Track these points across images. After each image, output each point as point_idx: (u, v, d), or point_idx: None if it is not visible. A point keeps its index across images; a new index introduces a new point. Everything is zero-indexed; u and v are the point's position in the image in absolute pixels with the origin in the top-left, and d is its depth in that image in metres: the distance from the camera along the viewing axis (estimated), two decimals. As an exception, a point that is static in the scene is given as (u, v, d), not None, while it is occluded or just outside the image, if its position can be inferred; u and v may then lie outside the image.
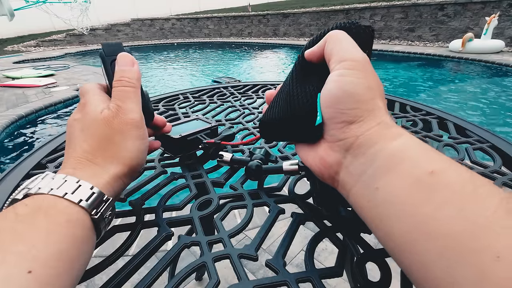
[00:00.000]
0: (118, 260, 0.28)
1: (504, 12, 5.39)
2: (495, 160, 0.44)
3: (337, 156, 0.22)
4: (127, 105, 0.27)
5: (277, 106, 0.28)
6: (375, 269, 0.28)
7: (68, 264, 0.19)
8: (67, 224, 0.20)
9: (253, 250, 0.28)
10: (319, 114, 0.23)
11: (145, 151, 0.28)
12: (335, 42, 0.23)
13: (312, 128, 0.24)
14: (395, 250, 0.18)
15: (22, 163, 0.46)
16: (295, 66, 0.28)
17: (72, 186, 0.22)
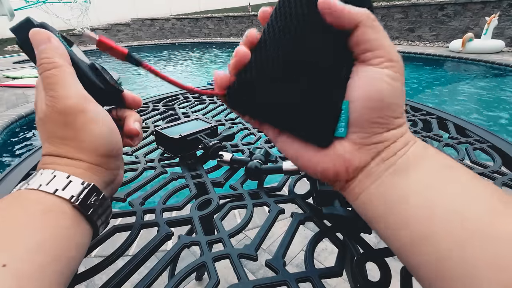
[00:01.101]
0: (118, 260, 0.28)
1: (504, 12, 5.39)
2: (495, 160, 0.44)
3: (364, 159, 0.20)
4: (58, 92, 0.23)
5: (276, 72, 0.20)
6: (375, 269, 0.28)
7: (51, 256, 0.19)
8: (44, 214, 0.20)
9: (253, 250, 0.28)
10: (345, 124, 0.20)
11: (107, 133, 0.24)
12: (380, 32, 0.19)
13: (328, 138, 0.20)
14: (408, 244, 0.18)
15: (22, 163, 0.46)
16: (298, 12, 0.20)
17: (47, 178, 0.21)
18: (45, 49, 0.23)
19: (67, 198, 0.21)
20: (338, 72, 0.20)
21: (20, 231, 0.18)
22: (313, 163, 0.22)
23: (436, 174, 0.19)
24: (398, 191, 0.19)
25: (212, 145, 0.42)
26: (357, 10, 0.19)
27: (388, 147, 0.20)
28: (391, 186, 0.20)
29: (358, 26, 0.19)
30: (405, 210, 0.19)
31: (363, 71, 0.20)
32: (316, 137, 0.21)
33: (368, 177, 0.21)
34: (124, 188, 0.37)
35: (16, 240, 0.18)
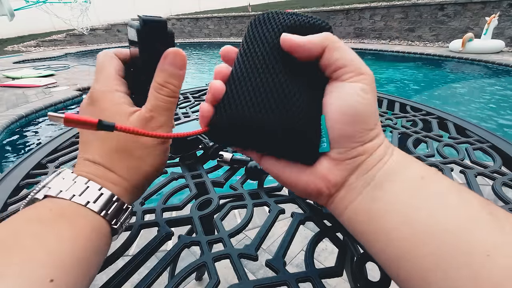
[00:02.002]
0: (118, 260, 0.28)
1: (504, 12, 5.39)
2: (495, 160, 0.44)
3: (343, 175, 0.21)
4: (161, 118, 0.23)
5: (254, 99, 0.20)
6: (375, 269, 0.27)
7: (86, 271, 0.19)
8: (91, 233, 0.20)
9: (253, 250, 0.28)
10: (326, 138, 0.20)
11: (164, 166, 0.26)
12: (345, 50, 0.21)
13: (314, 153, 0.21)
14: (393, 260, 0.18)
15: (22, 163, 0.46)
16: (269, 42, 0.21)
17: (94, 194, 0.21)
18: (178, 76, 0.24)
19: (110, 220, 0.22)
20: (313, 93, 0.21)
21: (69, 247, 0.19)
22: (295, 182, 0.22)
23: (414, 187, 0.19)
24: (378, 206, 0.19)
25: (212, 145, 0.42)
26: (319, 38, 0.21)
27: (365, 161, 0.20)
28: (371, 201, 0.20)
29: (324, 50, 0.20)
30: (385, 227, 0.19)
31: (336, 87, 0.21)
32: (303, 156, 0.21)
33: (350, 192, 0.21)
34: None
35: (64, 255, 0.18)
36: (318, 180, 0.21)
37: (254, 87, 0.20)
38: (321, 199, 0.22)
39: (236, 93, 0.20)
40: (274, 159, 0.23)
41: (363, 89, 0.20)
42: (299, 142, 0.20)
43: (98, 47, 9.24)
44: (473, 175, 0.40)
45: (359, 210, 0.20)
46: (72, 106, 3.51)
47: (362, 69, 0.21)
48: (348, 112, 0.20)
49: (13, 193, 0.39)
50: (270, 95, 0.20)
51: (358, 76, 0.20)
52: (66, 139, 0.54)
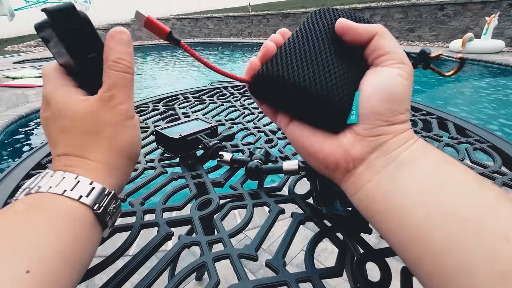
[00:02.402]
0: (118, 260, 0.28)
1: (504, 12, 5.39)
2: (495, 160, 0.44)
3: (364, 150, 0.21)
4: (120, 96, 0.24)
5: (299, 66, 0.22)
6: (375, 269, 0.28)
7: (70, 263, 0.19)
8: (67, 221, 0.20)
9: (253, 250, 0.28)
10: (356, 111, 0.21)
11: (139, 139, 0.26)
12: (392, 40, 0.22)
13: (343, 122, 0.22)
14: (406, 241, 0.18)
15: (22, 163, 0.46)
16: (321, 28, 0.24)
17: (71, 183, 0.21)
18: (128, 53, 0.24)
19: (91, 205, 0.21)
20: (352, 72, 0.23)
21: (44, 237, 0.18)
22: (316, 150, 0.23)
23: (434, 172, 0.19)
24: (395, 187, 0.20)
25: (212, 145, 0.42)
26: (371, 26, 0.23)
27: (388, 141, 0.21)
28: (389, 182, 0.20)
29: (374, 37, 0.22)
30: (401, 207, 0.19)
31: (377, 71, 0.22)
32: (331, 123, 0.22)
33: (368, 170, 0.21)
34: (124, 188, 0.37)
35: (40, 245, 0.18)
36: (339, 151, 0.22)
37: (302, 56, 0.22)
38: (338, 173, 0.23)
39: (285, 56, 0.22)
40: (301, 125, 0.24)
41: (402, 75, 0.21)
42: (329, 109, 0.22)
43: (98, 47, 9.22)
44: (473, 175, 0.40)
45: (375, 189, 0.20)
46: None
47: (404, 59, 0.22)
48: (383, 90, 0.21)
49: (13, 193, 0.39)
50: (315, 65, 0.22)
51: (399, 64, 0.22)
52: (66, 139, 0.54)
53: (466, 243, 0.16)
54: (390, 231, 0.20)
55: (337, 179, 0.23)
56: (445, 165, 0.20)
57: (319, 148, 0.22)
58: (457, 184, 0.18)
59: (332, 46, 0.23)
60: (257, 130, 0.56)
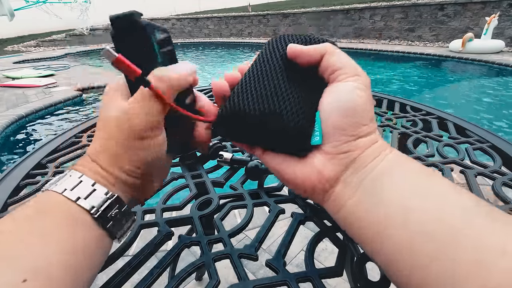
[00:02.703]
0: (118, 260, 0.28)
1: (504, 12, 5.39)
2: (495, 160, 0.44)
3: (336, 170, 0.21)
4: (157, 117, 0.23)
5: (257, 99, 0.23)
6: (375, 269, 0.27)
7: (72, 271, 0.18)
8: (69, 226, 0.19)
9: (253, 250, 0.28)
10: (319, 132, 0.22)
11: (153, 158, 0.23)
12: (340, 54, 0.23)
13: (306, 145, 0.22)
14: (394, 255, 0.18)
15: (22, 163, 0.46)
16: (276, 57, 0.25)
17: (73, 182, 0.21)
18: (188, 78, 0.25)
19: (87, 208, 0.20)
20: (310, 94, 0.23)
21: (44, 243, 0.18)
22: (292, 176, 0.23)
23: (414, 180, 0.19)
24: (375, 199, 0.20)
25: (212, 145, 0.42)
26: (318, 45, 0.24)
27: (359, 156, 0.21)
28: (369, 196, 0.20)
29: (324, 56, 0.23)
30: (383, 223, 0.19)
31: (333, 87, 0.23)
32: (295, 147, 0.23)
33: (346, 188, 0.21)
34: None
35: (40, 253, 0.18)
36: (313, 174, 0.22)
37: (257, 89, 0.23)
38: (316, 194, 0.23)
39: (242, 93, 0.23)
40: (274, 154, 0.24)
41: (357, 87, 0.22)
42: (288, 135, 0.22)
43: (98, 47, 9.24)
44: (473, 175, 0.40)
45: (356, 207, 0.20)
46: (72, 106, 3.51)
47: (357, 71, 0.23)
48: (342, 106, 0.21)
49: (13, 193, 0.39)
50: (269, 96, 0.23)
51: (353, 76, 0.22)
52: (66, 139, 0.54)
53: (453, 250, 0.16)
54: (373, 250, 0.20)
55: (318, 200, 0.23)
56: (423, 174, 0.20)
57: (292, 174, 0.23)
58: (437, 195, 0.19)
59: (286, 73, 0.24)
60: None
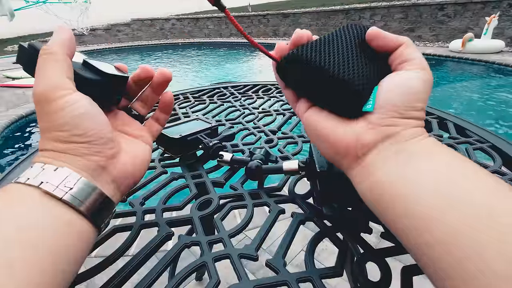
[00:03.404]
0: (118, 260, 0.28)
1: (504, 12, 5.39)
2: (495, 160, 0.44)
3: (375, 139, 0.22)
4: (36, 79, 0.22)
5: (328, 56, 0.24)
6: (375, 269, 0.28)
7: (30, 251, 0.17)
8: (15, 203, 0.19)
9: (253, 250, 0.28)
10: (372, 102, 0.23)
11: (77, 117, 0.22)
12: (415, 49, 0.24)
13: (358, 109, 0.23)
14: (413, 228, 0.18)
15: (22, 163, 0.46)
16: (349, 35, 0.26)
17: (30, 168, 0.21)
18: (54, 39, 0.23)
19: (36, 185, 0.20)
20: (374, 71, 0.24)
21: None
22: (328, 134, 0.24)
23: (447, 167, 0.19)
24: (407, 176, 0.20)
25: (212, 145, 0.42)
26: (401, 36, 0.24)
27: (400, 132, 0.21)
28: (401, 170, 0.20)
29: (400, 46, 0.24)
30: (413, 195, 0.19)
31: (398, 73, 0.23)
32: (348, 108, 0.24)
33: (378, 157, 0.22)
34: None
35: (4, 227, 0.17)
36: (351, 137, 0.23)
37: (330, 49, 0.24)
38: (347, 159, 0.23)
39: (315, 45, 0.25)
40: (318, 111, 0.25)
41: (420, 76, 0.23)
42: (348, 93, 0.23)
43: (98, 47, 9.24)
44: (473, 175, 0.40)
45: (386, 176, 0.21)
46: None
47: (424, 66, 0.23)
48: (401, 84, 0.22)
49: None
50: (341, 56, 0.24)
51: (419, 69, 0.23)
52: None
53: (480, 227, 0.16)
54: (395, 217, 0.20)
55: (346, 166, 0.24)
56: (458, 161, 0.20)
57: (331, 132, 0.24)
58: (471, 179, 0.18)
59: (359, 50, 0.25)
60: (257, 130, 0.56)
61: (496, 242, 0.15)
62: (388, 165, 0.21)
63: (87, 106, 0.23)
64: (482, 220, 0.16)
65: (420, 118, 0.23)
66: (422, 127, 0.23)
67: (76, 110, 0.22)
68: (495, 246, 0.15)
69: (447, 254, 0.16)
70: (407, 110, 0.22)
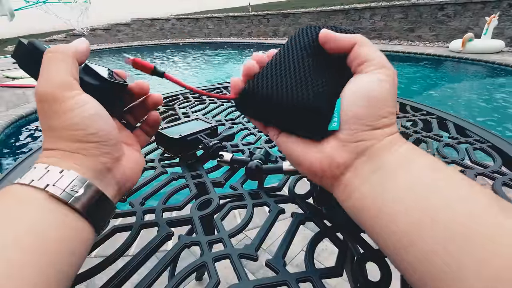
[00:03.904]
0: (118, 260, 0.28)
1: (504, 12, 5.39)
2: (495, 160, 0.44)
3: (349, 157, 0.21)
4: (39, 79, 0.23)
5: (280, 81, 0.23)
6: (375, 269, 0.28)
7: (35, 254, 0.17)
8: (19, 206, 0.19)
9: (253, 250, 0.28)
10: (337, 119, 0.22)
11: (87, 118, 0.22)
12: (371, 47, 0.23)
13: (323, 129, 0.22)
14: (395, 248, 0.18)
15: (22, 163, 0.46)
16: (303, 44, 0.25)
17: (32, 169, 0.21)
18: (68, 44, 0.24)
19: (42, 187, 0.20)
20: (333, 81, 0.23)
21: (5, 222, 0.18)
22: (302, 158, 0.24)
23: (421, 177, 0.19)
24: (383, 195, 0.20)
25: (212, 145, 0.42)
26: (351, 35, 0.24)
27: (373, 146, 0.21)
28: (377, 189, 0.20)
29: (354, 45, 0.23)
30: (388, 214, 0.19)
31: (358, 78, 0.23)
32: (313, 131, 0.23)
33: (356, 176, 0.21)
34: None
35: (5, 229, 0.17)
36: (324, 159, 0.22)
37: (282, 71, 0.24)
38: (325, 179, 0.23)
39: (266, 73, 0.24)
40: (289, 136, 0.25)
41: (382, 78, 0.22)
42: (309, 117, 0.23)
43: (98, 47, 9.24)
44: (473, 175, 0.40)
45: (365, 196, 0.20)
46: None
47: (384, 64, 0.22)
48: (363, 95, 0.22)
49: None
50: (293, 78, 0.23)
51: (380, 69, 0.22)
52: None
53: (454, 247, 0.16)
54: (380, 238, 0.20)
55: (327, 186, 0.24)
56: (432, 170, 0.20)
57: (302, 156, 0.23)
58: (445, 189, 0.18)
59: (312, 59, 0.24)
60: (257, 130, 0.56)
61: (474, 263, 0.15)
62: (367, 185, 0.21)
63: (97, 107, 0.23)
64: (456, 240, 0.16)
65: (391, 124, 0.22)
66: (396, 133, 0.22)
67: (87, 112, 0.22)
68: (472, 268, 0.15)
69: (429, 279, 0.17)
70: (375, 120, 0.21)
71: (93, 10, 9.65)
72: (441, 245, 0.16)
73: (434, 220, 0.17)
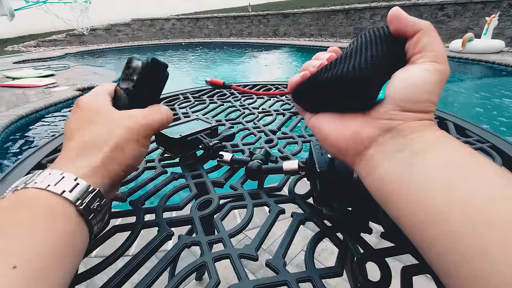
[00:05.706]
0: (118, 260, 0.28)
1: (504, 12, 5.39)
2: (495, 160, 0.44)
3: (374, 132, 0.22)
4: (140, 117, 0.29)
5: (340, 66, 0.24)
6: (375, 269, 0.28)
7: (56, 259, 0.19)
8: (49, 217, 0.20)
9: (253, 250, 0.28)
10: (383, 92, 0.23)
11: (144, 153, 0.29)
12: (435, 38, 0.22)
13: (369, 101, 0.23)
14: (419, 223, 0.18)
15: (22, 163, 0.46)
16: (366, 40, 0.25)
17: (56, 178, 0.22)
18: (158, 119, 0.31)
19: (73, 201, 0.21)
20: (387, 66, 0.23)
21: (28, 232, 0.18)
22: (329, 133, 0.25)
23: (452, 159, 0.19)
24: (411, 172, 0.20)
25: (212, 145, 0.42)
26: (420, 21, 0.23)
27: (399, 125, 0.21)
28: (405, 165, 0.20)
29: (419, 31, 0.22)
30: (418, 191, 0.19)
31: (410, 67, 0.22)
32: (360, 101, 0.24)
33: (379, 152, 0.22)
34: (124, 188, 0.37)
35: (24, 241, 0.18)
36: (349, 133, 0.23)
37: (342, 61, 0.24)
38: (349, 155, 0.24)
39: (329, 66, 0.25)
40: (322, 116, 0.26)
41: (429, 69, 0.21)
42: (363, 89, 0.23)
43: (98, 47, 9.24)
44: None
45: (390, 171, 0.21)
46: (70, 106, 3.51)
47: (438, 58, 0.22)
48: (406, 78, 0.22)
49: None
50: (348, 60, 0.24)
51: (432, 62, 0.22)
52: (66, 139, 0.54)
53: (482, 230, 0.16)
54: (402, 214, 0.20)
55: (350, 162, 0.24)
56: (463, 155, 0.19)
57: (331, 131, 0.25)
58: (476, 172, 0.18)
59: (374, 44, 0.24)
60: (257, 130, 0.56)
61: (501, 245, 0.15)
62: (388, 163, 0.21)
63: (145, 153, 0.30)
64: (483, 224, 0.16)
65: (426, 111, 0.22)
66: (428, 120, 0.22)
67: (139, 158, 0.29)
68: (500, 249, 0.15)
69: (450, 253, 0.16)
70: (408, 102, 0.21)
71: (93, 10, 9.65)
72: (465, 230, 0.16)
73: (462, 204, 0.17)
